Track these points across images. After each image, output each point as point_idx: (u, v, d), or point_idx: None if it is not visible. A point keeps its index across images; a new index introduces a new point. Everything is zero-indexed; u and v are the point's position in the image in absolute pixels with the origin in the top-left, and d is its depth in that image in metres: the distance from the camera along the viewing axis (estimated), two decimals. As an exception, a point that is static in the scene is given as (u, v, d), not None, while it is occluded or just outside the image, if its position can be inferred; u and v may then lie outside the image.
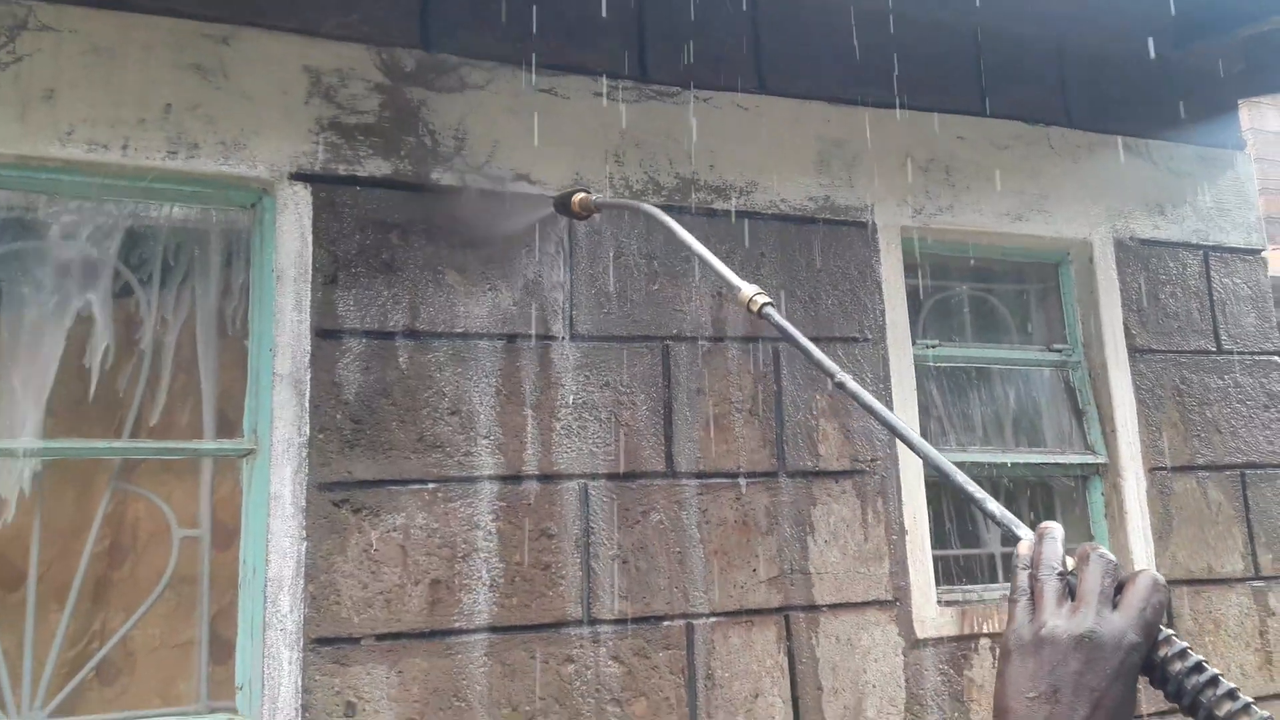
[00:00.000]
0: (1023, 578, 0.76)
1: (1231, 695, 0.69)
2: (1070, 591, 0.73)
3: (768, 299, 1.42)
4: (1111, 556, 0.74)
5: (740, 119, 2.79)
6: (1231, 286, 3.36)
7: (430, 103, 2.47)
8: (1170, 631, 0.73)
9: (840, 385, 1.17)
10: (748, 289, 1.44)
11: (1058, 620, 0.71)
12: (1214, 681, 0.70)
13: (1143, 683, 0.72)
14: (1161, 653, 0.72)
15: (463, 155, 2.48)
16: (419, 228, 2.41)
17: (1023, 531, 0.83)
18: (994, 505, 0.91)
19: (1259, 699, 3.00)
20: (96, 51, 2.21)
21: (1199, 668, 0.71)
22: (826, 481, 2.68)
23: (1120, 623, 0.70)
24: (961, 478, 0.97)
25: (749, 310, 1.43)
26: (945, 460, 1.00)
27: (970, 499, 0.95)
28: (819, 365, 1.20)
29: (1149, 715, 2.89)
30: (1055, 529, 0.77)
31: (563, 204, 2.36)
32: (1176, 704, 0.71)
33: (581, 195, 2.30)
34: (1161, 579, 0.72)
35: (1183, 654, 0.71)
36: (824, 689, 2.55)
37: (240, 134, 2.29)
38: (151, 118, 2.23)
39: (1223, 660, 3.02)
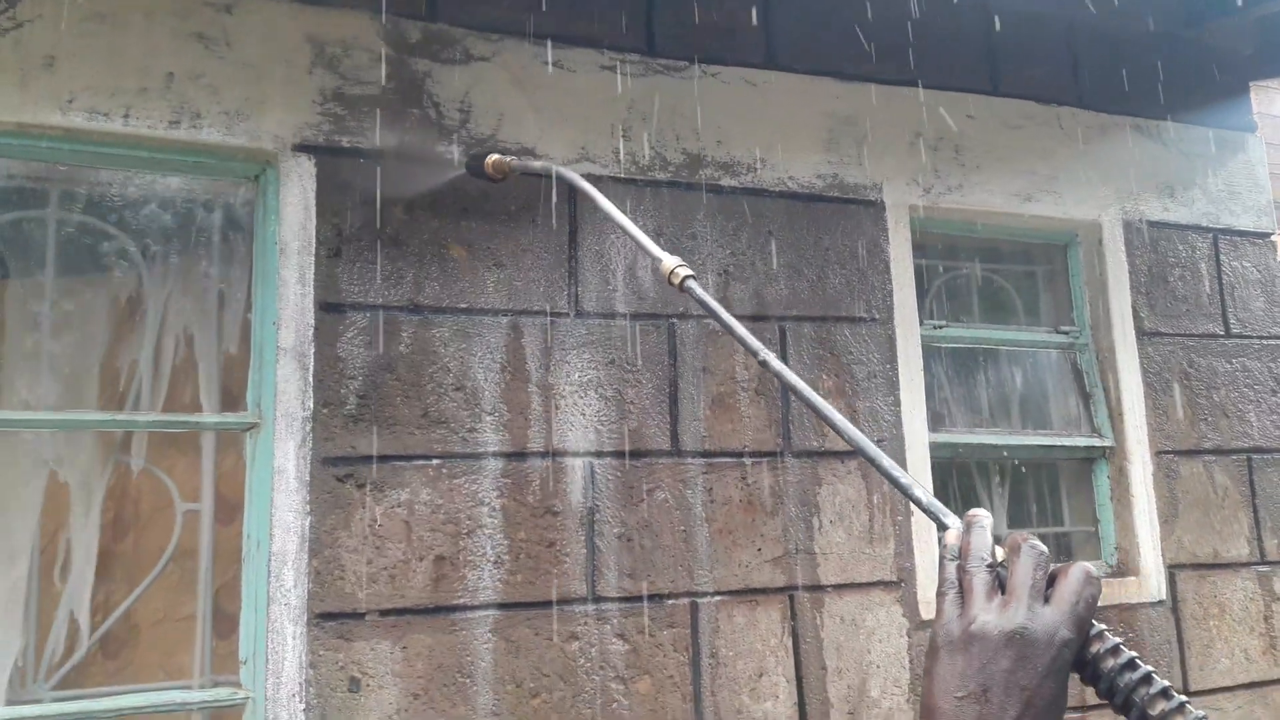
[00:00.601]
0: (950, 569, 0.73)
1: (1165, 694, 0.68)
2: (1000, 584, 0.71)
3: (690, 271, 1.39)
4: (1043, 547, 0.71)
5: (749, 95, 2.76)
6: (1241, 270, 3.34)
7: (435, 74, 2.44)
8: (1102, 626, 0.71)
9: (764, 364, 1.14)
10: (669, 260, 1.41)
11: (988, 615, 0.68)
12: (1147, 679, 0.68)
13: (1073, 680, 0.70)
14: (1094, 649, 0.70)
15: (468, 128, 2.45)
16: (423, 201, 2.39)
17: (950, 520, 0.80)
18: (920, 492, 0.89)
19: (1263, 684, 3.01)
20: (98, 18, 2.18)
21: (1132, 664, 0.69)
22: (832, 461, 2.66)
23: (1052, 618, 0.68)
24: (887, 463, 0.94)
25: (669, 283, 1.40)
26: (872, 445, 0.97)
27: (896, 484, 0.92)
28: (742, 341, 1.17)
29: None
30: (983, 517, 0.74)
31: (476, 167, 2.30)
32: (1108, 701, 0.69)
33: (495, 157, 2.24)
34: (1095, 570, 0.70)
35: (1115, 650, 0.69)
36: (828, 669, 2.54)
37: (243, 104, 2.26)
38: (153, 86, 2.20)
39: (1226, 645, 3.02)
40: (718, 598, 2.48)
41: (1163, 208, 3.26)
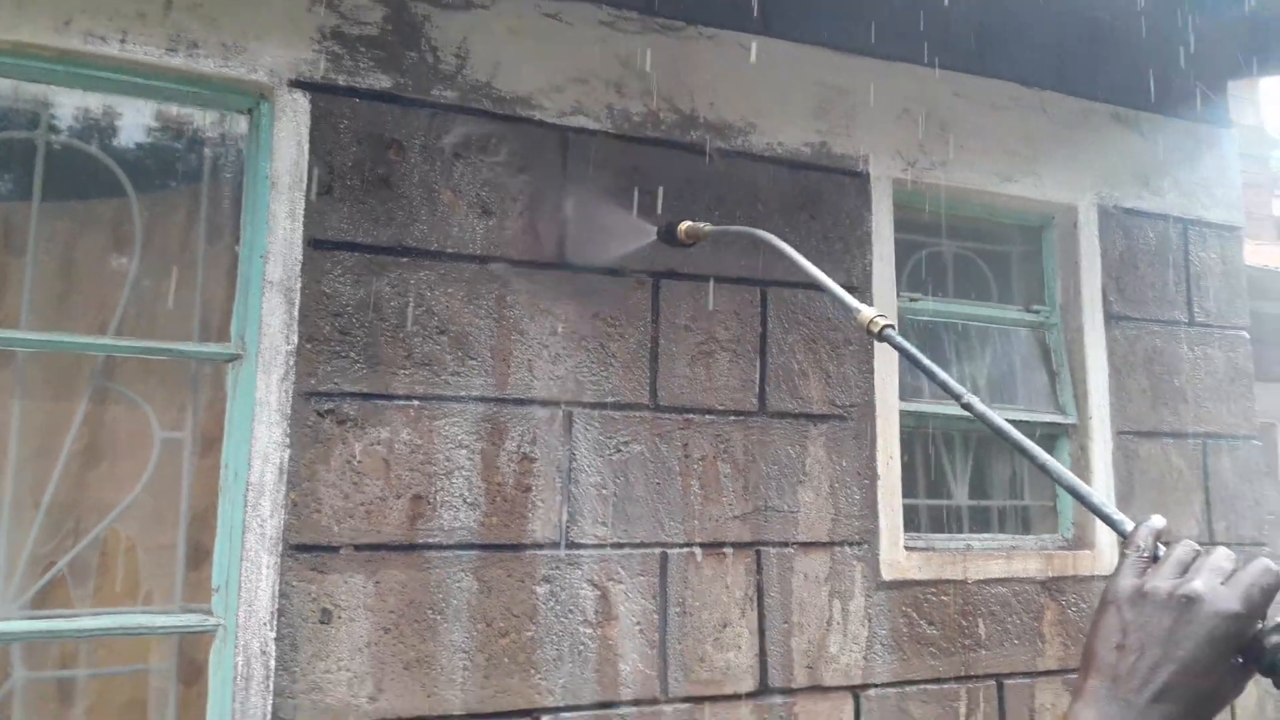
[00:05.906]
0: (1146, 536, 0.76)
1: None
2: (1185, 567, 0.74)
3: (888, 321, 1.42)
4: (1233, 554, 0.75)
5: (743, 59, 2.78)
6: (1208, 261, 3.43)
7: (434, 18, 2.45)
8: None
9: (967, 406, 1.15)
10: (867, 311, 1.44)
11: (1162, 581, 0.72)
12: None
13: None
14: (1261, 625, 0.70)
15: (464, 74, 2.46)
16: (416, 144, 2.40)
17: (1129, 525, 0.82)
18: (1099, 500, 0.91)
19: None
20: (96, -61, 2.17)
21: None
22: (805, 423, 2.72)
23: (1224, 592, 0.70)
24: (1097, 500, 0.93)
25: (868, 332, 1.43)
26: (1077, 482, 0.97)
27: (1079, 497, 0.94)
28: (944, 386, 1.19)
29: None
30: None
31: (669, 235, 2.40)
32: (1271, 678, 0.69)
33: (687, 224, 2.34)
34: (1275, 566, 0.72)
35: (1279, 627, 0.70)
36: (790, 623, 2.62)
37: (241, 36, 2.26)
38: (152, 12, 2.19)
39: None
40: (687, 549, 2.54)
41: (1137, 196, 3.34)
